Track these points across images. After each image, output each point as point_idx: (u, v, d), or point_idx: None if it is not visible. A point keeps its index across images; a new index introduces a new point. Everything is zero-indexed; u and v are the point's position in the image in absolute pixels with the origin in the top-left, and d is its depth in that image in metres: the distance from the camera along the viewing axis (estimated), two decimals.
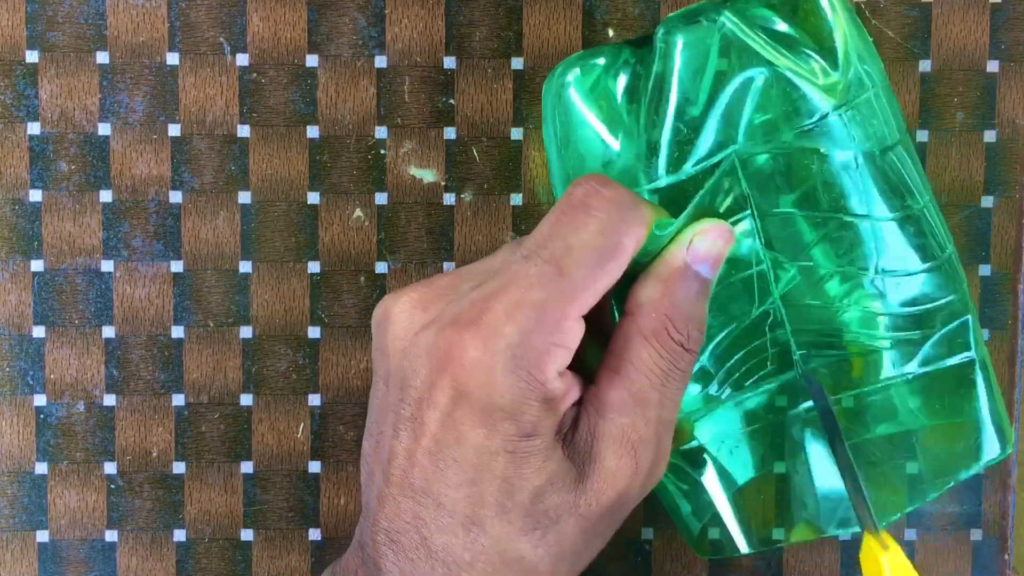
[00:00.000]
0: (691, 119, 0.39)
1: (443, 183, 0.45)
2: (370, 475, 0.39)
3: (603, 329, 0.39)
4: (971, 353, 0.40)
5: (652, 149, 0.39)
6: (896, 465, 0.41)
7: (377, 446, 0.39)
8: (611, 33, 0.44)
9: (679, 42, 0.39)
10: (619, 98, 0.40)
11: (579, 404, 0.38)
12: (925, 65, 0.45)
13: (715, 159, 0.39)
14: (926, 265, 0.40)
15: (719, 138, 0.39)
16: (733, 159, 0.39)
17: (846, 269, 0.39)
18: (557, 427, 0.37)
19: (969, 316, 0.40)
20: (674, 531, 0.45)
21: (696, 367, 0.40)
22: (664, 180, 0.39)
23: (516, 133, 0.44)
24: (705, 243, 0.38)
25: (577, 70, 0.40)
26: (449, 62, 0.44)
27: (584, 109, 0.40)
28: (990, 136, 0.45)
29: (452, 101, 0.44)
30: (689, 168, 0.39)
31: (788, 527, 0.42)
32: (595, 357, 0.38)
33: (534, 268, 0.36)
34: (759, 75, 0.38)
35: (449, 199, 0.45)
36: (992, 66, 0.45)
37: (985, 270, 0.45)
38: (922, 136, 0.45)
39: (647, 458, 0.38)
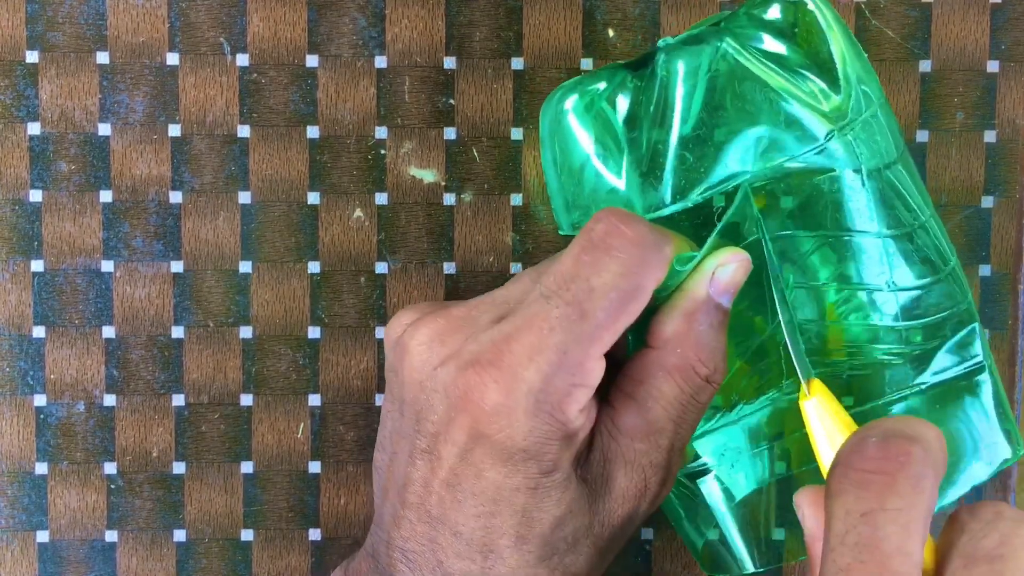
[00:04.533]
0: (695, 146, 0.38)
1: (443, 183, 0.45)
2: (383, 491, 0.39)
3: (618, 346, 0.39)
4: (980, 358, 0.40)
5: (655, 176, 0.39)
6: None
7: (391, 464, 0.38)
8: (611, 33, 0.44)
9: (680, 69, 0.38)
10: (619, 124, 0.39)
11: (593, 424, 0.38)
12: (925, 65, 0.45)
13: (721, 187, 0.38)
14: (934, 277, 0.40)
15: (725, 165, 0.38)
16: (746, 189, 0.38)
17: (858, 287, 0.39)
18: (575, 456, 0.37)
19: (976, 324, 0.40)
20: (674, 531, 0.45)
21: None
22: (668, 208, 0.39)
23: (516, 133, 0.44)
24: (726, 274, 0.38)
25: (575, 96, 0.40)
26: (449, 62, 0.44)
27: (583, 136, 0.40)
28: (990, 136, 0.45)
29: (452, 101, 0.44)
30: (695, 196, 0.39)
31: (790, 532, 0.42)
32: (608, 377, 0.38)
33: (555, 310, 0.35)
34: (763, 101, 0.38)
35: (449, 199, 0.45)
36: (992, 66, 0.45)
37: (985, 270, 0.45)
38: (922, 136, 0.45)
39: (656, 480, 0.38)
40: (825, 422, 0.36)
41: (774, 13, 0.39)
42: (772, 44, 0.39)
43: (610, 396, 0.38)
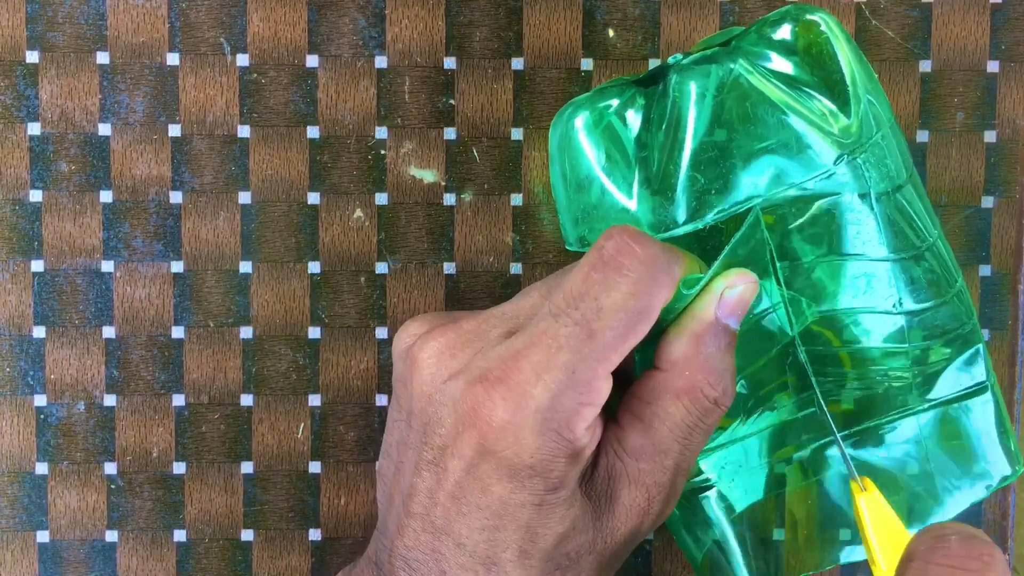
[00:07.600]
0: (707, 168, 0.38)
1: (443, 183, 0.45)
2: (388, 498, 0.39)
3: (624, 363, 0.39)
4: (983, 378, 0.40)
5: (666, 196, 0.39)
6: (908, 488, 0.41)
7: (397, 473, 0.39)
8: (611, 33, 0.44)
9: (692, 89, 0.38)
10: (630, 143, 0.39)
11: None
12: (925, 65, 0.45)
13: (733, 209, 0.38)
14: (940, 299, 0.40)
15: (736, 188, 0.38)
16: (757, 212, 0.38)
17: (866, 310, 0.39)
18: (580, 474, 0.37)
19: (981, 344, 0.40)
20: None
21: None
22: (680, 229, 0.39)
23: (516, 133, 0.44)
24: (734, 296, 0.38)
25: (586, 113, 0.40)
26: (449, 62, 0.44)
27: (593, 154, 0.40)
28: (990, 136, 0.45)
29: (452, 101, 0.44)
30: (707, 217, 0.38)
31: (790, 546, 0.42)
32: (615, 394, 0.38)
33: (564, 329, 0.35)
34: (774, 123, 0.38)
35: (449, 199, 0.45)
36: (992, 66, 0.45)
37: (985, 270, 0.45)
38: (922, 136, 0.45)
39: (660, 500, 0.38)
40: (880, 516, 0.37)
41: (785, 33, 0.39)
42: (782, 64, 0.39)
43: (617, 415, 0.38)
